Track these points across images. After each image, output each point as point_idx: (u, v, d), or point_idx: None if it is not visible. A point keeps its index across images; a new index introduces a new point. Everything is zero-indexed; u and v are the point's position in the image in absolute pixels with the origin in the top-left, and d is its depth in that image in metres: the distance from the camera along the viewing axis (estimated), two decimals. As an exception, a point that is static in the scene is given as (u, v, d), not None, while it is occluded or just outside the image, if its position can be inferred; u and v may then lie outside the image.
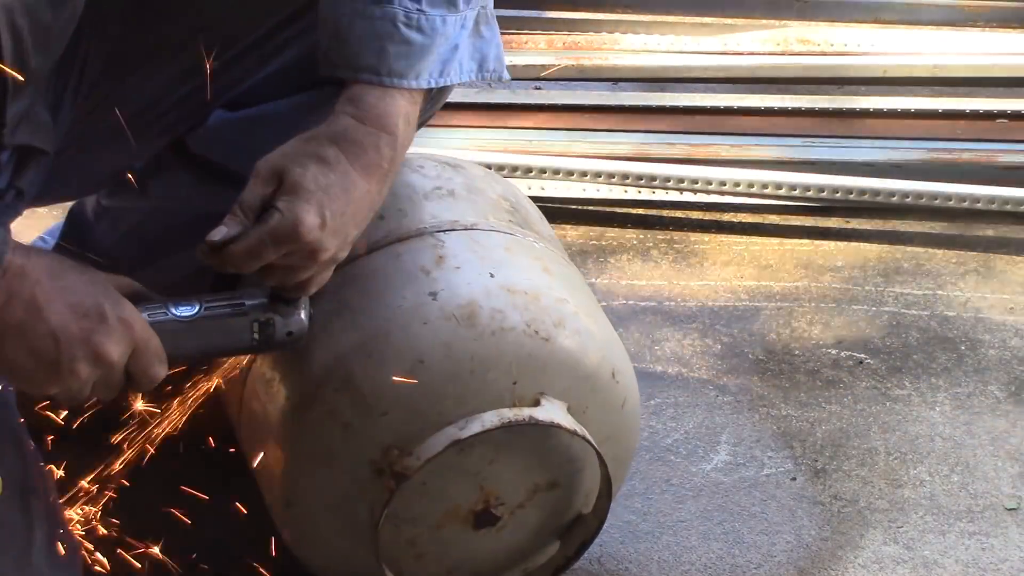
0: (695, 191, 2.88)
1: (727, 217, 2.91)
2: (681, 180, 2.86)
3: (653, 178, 2.86)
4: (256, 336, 1.72)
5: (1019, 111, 3.05)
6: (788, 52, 3.15)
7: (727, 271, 2.76)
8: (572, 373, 1.85)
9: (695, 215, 2.91)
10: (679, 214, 2.92)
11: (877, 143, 2.99)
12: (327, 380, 1.80)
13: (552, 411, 1.82)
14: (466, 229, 1.90)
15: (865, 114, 3.05)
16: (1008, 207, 2.87)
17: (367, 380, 1.79)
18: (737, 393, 2.46)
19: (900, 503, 2.25)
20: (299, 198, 1.63)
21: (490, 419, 1.79)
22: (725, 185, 2.86)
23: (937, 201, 2.86)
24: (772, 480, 2.29)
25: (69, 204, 2.21)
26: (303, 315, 1.74)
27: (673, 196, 2.90)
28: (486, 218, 1.94)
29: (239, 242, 1.64)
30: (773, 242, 2.85)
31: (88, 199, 2.14)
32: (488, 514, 1.89)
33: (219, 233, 1.63)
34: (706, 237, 2.86)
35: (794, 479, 2.29)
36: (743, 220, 2.90)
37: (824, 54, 3.14)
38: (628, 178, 2.86)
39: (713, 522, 2.21)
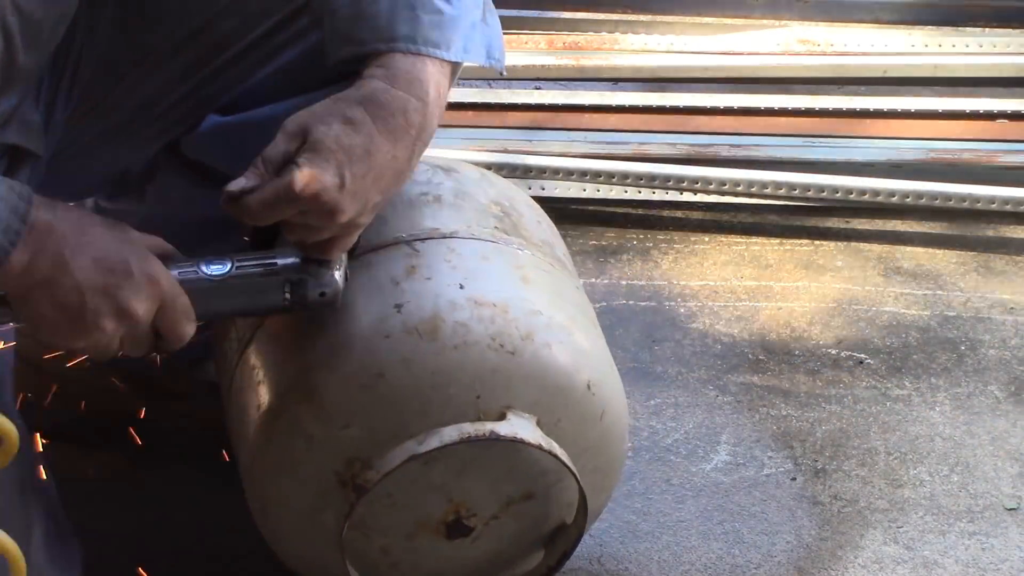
0: (695, 191, 2.88)
1: (727, 217, 2.91)
2: (681, 180, 2.86)
3: (653, 178, 2.86)
4: (288, 296, 1.70)
5: (1019, 111, 3.04)
6: (788, 52, 3.14)
7: (727, 271, 2.76)
8: (540, 386, 1.80)
9: (695, 215, 2.91)
10: (679, 214, 2.91)
11: (877, 143, 2.98)
12: (292, 390, 1.78)
13: (517, 425, 1.78)
14: (444, 237, 1.86)
15: (865, 114, 3.04)
16: (1008, 207, 2.87)
17: (329, 392, 1.76)
18: (737, 393, 2.46)
19: (900, 503, 2.25)
20: (319, 157, 1.63)
21: (449, 434, 1.76)
22: (725, 185, 2.85)
23: (937, 201, 2.86)
24: (772, 480, 2.28)
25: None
26: (337, 276, 1.72)
27: (673, 196, 2.90)
28: (468, 225, 1.89)
29: (255, 194, 1.63)
30: (773, 242, 2.84)
31: (87, 201, 2.14)
32: (460, 525, 1.85)
33: (237, 184, 1.64)
34: (706, 237, 2.86)
35: (794, 479, 2.29)
36: (743, 220, 2.90)
37: (824, 54, 3.14)
38: (628, 178, 2.86)
39: (713, 522, 2.20)
